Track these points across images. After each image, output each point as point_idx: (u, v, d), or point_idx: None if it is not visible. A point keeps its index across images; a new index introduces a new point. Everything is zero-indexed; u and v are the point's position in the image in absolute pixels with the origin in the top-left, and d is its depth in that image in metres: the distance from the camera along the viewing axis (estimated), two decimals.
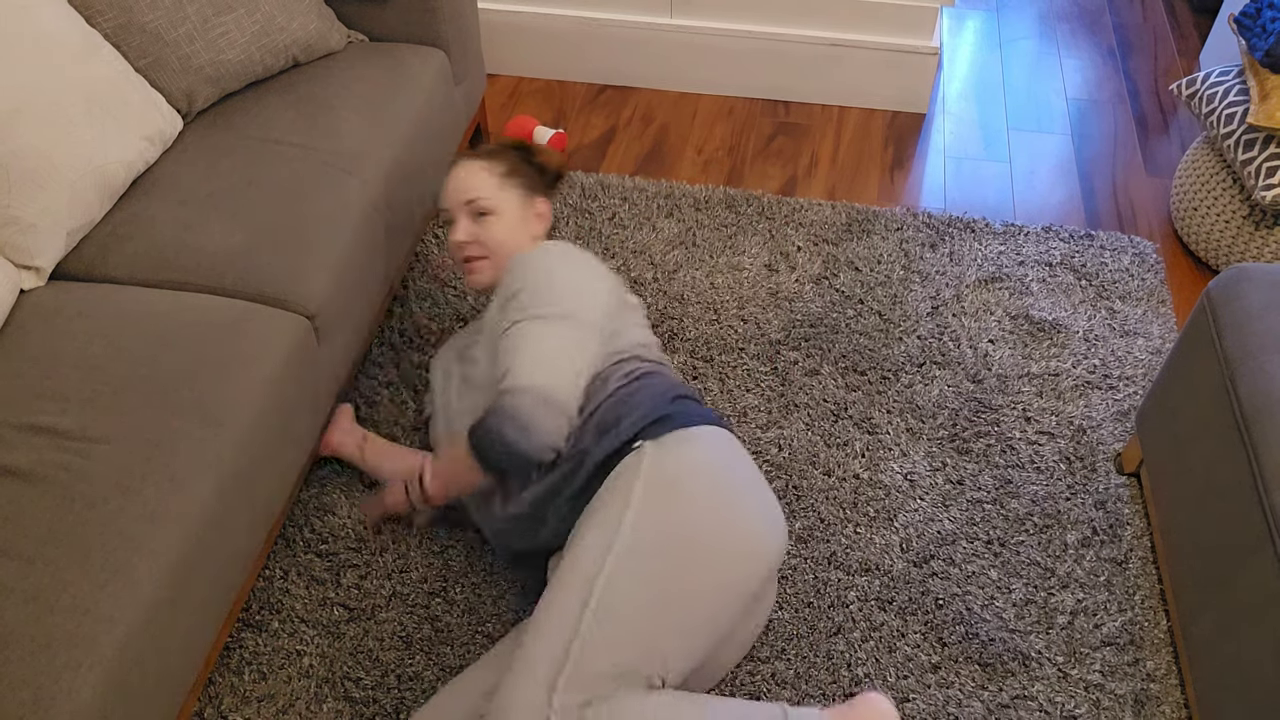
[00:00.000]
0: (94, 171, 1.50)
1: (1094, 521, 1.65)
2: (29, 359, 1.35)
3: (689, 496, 1.25)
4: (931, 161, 2.42)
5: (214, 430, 1.31)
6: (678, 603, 1.19)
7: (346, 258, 1.61)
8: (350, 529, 1.63)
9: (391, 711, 1.43)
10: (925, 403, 1.83)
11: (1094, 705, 1.43)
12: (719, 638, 1.25)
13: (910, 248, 2.14)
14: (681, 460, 1.28)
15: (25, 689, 1.05)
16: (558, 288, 1.41)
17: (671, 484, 1.25)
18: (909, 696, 1.44)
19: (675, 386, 1.41)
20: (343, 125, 1.75)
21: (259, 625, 1.52)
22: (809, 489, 1.69)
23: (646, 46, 2.58)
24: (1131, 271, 2.09)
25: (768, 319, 1.99)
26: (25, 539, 1.15)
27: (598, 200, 2.25)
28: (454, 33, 2.02)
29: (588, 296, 1.42)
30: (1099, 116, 2.57)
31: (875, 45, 2.47)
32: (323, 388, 1.58)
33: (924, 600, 1.55)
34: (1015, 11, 2.98)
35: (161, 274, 1.51)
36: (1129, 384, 1.86)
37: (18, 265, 1.46)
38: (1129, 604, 1.55)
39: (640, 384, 1.39)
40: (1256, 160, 1.90)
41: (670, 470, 1.27)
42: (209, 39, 1.68)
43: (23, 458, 1.23)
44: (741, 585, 1.25)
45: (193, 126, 1.74)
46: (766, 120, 2.55)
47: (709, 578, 1.22)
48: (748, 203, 2.25)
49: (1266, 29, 1.91)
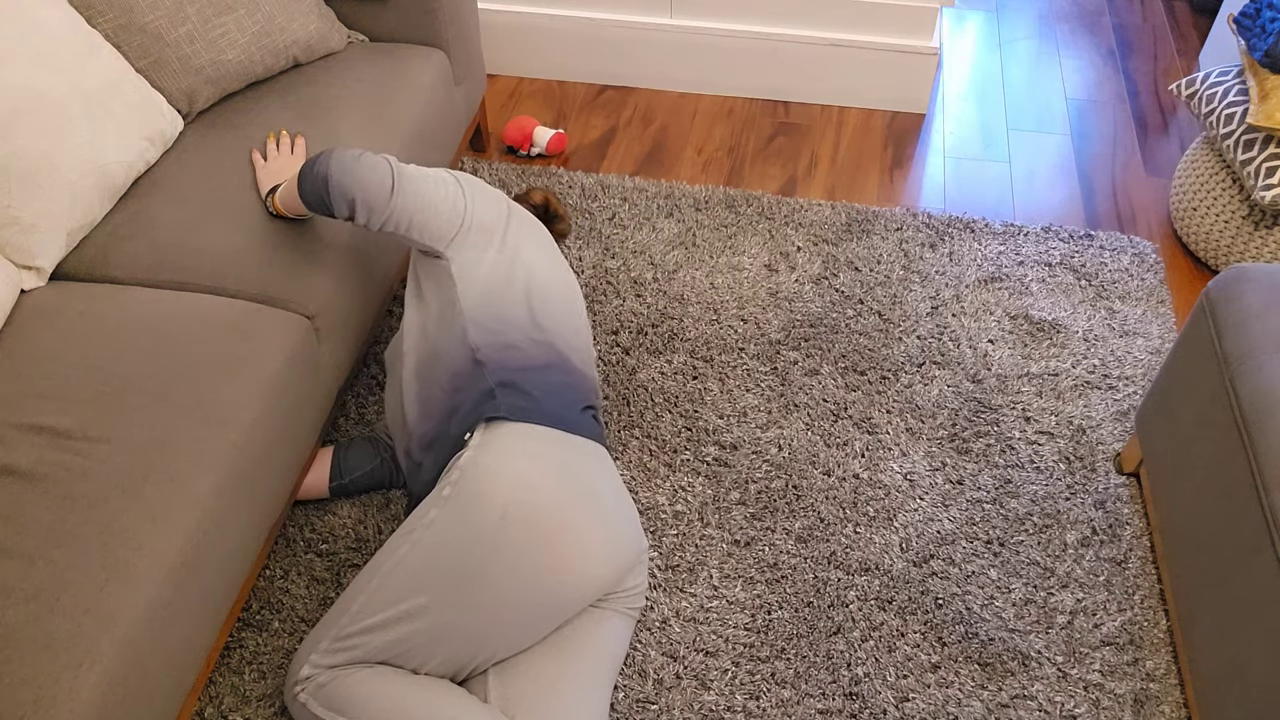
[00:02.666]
0: (94, 172, 1.50)
1: (1094, 521, 1.65)
2: (29, 359, 1.35)
3: (497, 505, 1.23)
4: (931, 161, 2.42)
5: (214, 430, 1.31)
6: (454, 606, 1.22)
7: (346, 258, 1.62)
8: (350, 529, 1.64)
9: None
10: (925, 403, 1.83)
11: (1093, 705, 1.43)
12: (501, 643, 1.26)
13: (910, 248, 2.15)
14: (506, 463, 1.26)
15: (25, 689, 1.05)
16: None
17: (481, 491, 1.24)
18: (909, 696, 1.44)
19: (584, 397, 1.42)
20: (343, 125, 1.75)
21: (259, 625, 1.52)
22: (809, 489, 1.70)
23: (646, 46, 2.58)
24: (1131, 271, 2.09)
25: (768, 319, 1.99)
26: (25, 539, 1.16)
27: (598, 200, 2.25)
28: (454, 33, 2.02)
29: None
30: (1099, 116, 2.57)
31: (875, 45, 2.47)
32: (323, 388, 1.58)
33: (924, 600, 1.55)
34: (1015, 11, 2.99)
35: (162, 274, 1.51)
36: (1128, 384, 1.87)
37: (18, 265, 1.47)
38: (1128, 604, 1.55)
39: (538, 378, 1.37)
40: (1256, 160, 1.90)
41: (490, 470, 1.25)
42: (209, 39, 1.68)
43: (23, 458, 1.23)
44: (542, 599, 1.25)
45: (193, 127, 1.74)
46: (766, 120, 2.55)
47: (493, 594, 1.22)
48: (748, 203, 2.25)
49: (1266, 29, 1.91)
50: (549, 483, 1.25)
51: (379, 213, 1.39)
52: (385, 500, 1.68)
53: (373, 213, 1.39)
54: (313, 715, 1.24)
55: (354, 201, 1.38)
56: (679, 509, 1.67)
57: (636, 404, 1.83)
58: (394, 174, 1.39)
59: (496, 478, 1.24)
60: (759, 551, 1.61)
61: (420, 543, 1.25)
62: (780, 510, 1.67)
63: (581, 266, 2.10)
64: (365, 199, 1.37)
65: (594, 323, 1.98)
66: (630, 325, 1.97)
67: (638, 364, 1.90)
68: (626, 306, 2.01)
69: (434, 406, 1.38)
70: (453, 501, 1.25)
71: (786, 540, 1.63)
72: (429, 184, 1.43)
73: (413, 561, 1.25)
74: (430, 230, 1.42)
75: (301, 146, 1.67)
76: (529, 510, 1.23)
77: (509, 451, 1.27)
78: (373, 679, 1.23)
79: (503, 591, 1.22)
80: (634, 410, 1.82)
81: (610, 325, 1.97)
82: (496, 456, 1.26)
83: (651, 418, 1.81)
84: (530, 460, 1.26)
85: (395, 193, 1.38)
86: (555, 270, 1.52)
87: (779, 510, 1.67)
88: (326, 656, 1.26)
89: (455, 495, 1.25)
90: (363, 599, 1.26)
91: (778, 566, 1.59)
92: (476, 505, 1.23)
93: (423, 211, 1.41)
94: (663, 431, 1.79)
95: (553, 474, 1.26)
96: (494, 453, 1.27)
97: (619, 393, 1.85)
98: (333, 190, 1.37)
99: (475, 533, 1.22)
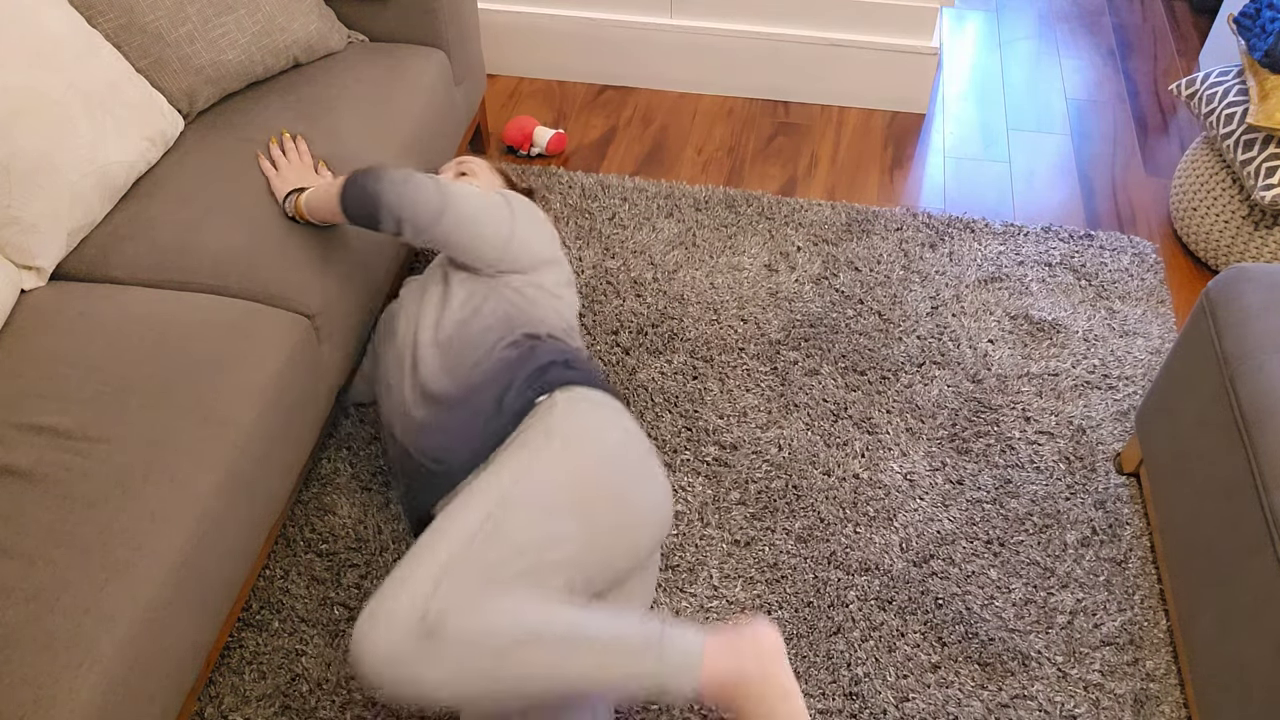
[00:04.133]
0: (95, 172, 1.50)
1: (1094, 521, 1.65)
2: (29, 359, 1.35)
3: (602, 443, 1.29)
4: (931, 161, 2.42)
5: (214, 430, 1.31)
6: (576, 534, 1.22)
7: (346, 258, 1.62)
8: (350, 529, 1.64)
9: (392, 711, 1.43)
10: (925, 403, 1.83)
11: (1093, 705, 1.43)
12: (608, 583, 1.29)
13: (910, 248, 2.15)
14: (594, 413, 1.33)
15: (25, 689, 1.05)
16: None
17: (587, 429, 1.30)
18: (909, 696, 1.44)
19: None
20: (343, 125, 1.75)
21: (259, 625, 1.52)
22: (809, 489, 1.70)
23: (646, 46, 2.58)
24: (1131, 271, 2.09)
25: (768, 319, 1.99)
26: (25, 539, 1.16)
27: (598, 200, 2.25)
28: (454, 33, 2.02)
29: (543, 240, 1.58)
30: (1099, 116, 2.57)
31: (875, 45, 2.47)
32: (323, 388, 1.58)
33: (924, 600, 1.55)
34: (1015, 11, 2.99)
35: (162, 274, 1.51)
36: (1128, 384, 1.87)
37: (19, 265, 1.47)
38: (1128, 604, 1.55)
39: (580, 354, 1.46)
40: (1256, 160, 1.90)
41: (585, 418, 1.31)
42: (210, 39, 1.68)
43: (23, 458, 1.23)
44: (637, 537, 1.30)
45: (194, 127, 1.74)
46: (766, 120, 2.55)
47: (612, 517, 1.26)
48: (748, 203, 2.25)
49: (1266, 29, 1.91)
50: (637, 427, 1.37)
51: (425, 232, 1.45)
52: (385, 500, 1.68)
53: (420, 232, 1.46)
54: (465, 641, 1.12)
55: (400, 221, 1.44)
56: (679, 509, 1.67)
57: (636, 404, 1.83)
58: (442, 196, 1.45)
59: (601, 407, 1.34)
60: (759, 551, 1.61)
61: (539, 472, 1.24)
62: (780, 510, 1.67)
63: (581, 266, 2.10)
64: (414, 220, 1.44)
65: (594, 323, 1.98)
66: (630, 325, 1.97)
67: (638, 364, 1.90)
68: (626, 306, 2.01)
69: (477, 371, 1.40)
70: (566, 434, 1.28)
71: (786, 540, 1.63)
72: (476, 205, 1.48)
73: (551, 483, 1.23)
74: (473, 252, 1.49)
75: (305, 149, 1.68)
76: (639, 436, 1.34)
77: (599, 399, 1.36)
78: (514, 600, 1.16)
79: (633, 503, 1.29)
80: (634, 410, 1.82)
81: (610, 325, 1.97)
82: (592, 401, 1.34)
83: (651, 418, 1.81)
84: (618, 410, 1.37)
85: (443, 215, 1.45)
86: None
87: (779, 510, 1.67)
88: (460, 586, 1.15)
89: (566, 428, 1.28)
90: (489, 523, 1.19)
91: (778, 566, 1.59)
92: (595, 430, 1.30)
93: (469, 234, 1.48)
94: (663, 431, 1.79)
95: (631, 426, 1.36)
96: (588, 398, 1.35)
97: (619, 393, 1.85)
98: (382, 209, 1.44)
99: (605, 450, 1.28)
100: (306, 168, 1.65)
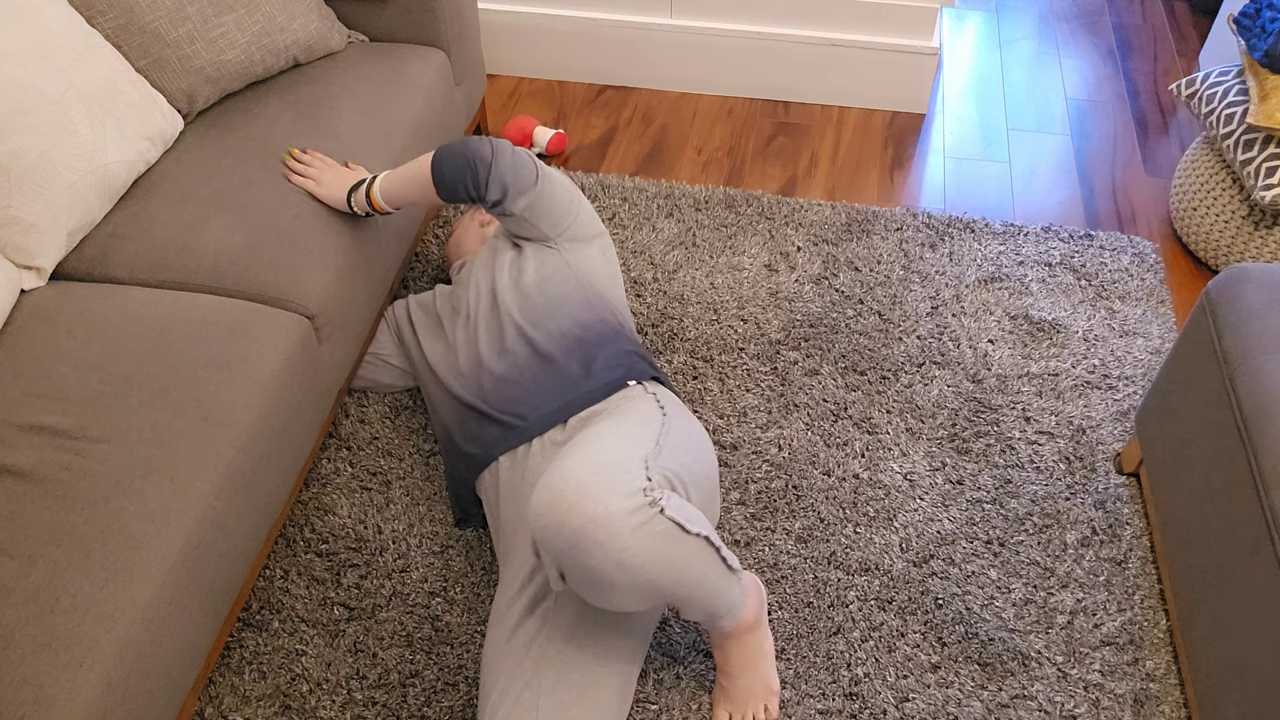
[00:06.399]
0: (94, 172, 1.50)
1: (1093, 521, 1.65)
2: (29, 359, 1.35)
3: (707, 448, 1.44)
4: (931, 161, 2.42)
5: (214, 430, 1.31)
6: (700, 471, 1.37)
7: (346, 258, 1.62)
8: (350, 529, 1.64)
9: (393, 711, 1.43)
10: (925, 403, 1.83)
11: (1093, 705, 1.43)
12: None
13: (910, 248, 2.15)
14: (692, 417, 1.48)
15: (25, 689, 1.05)
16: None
17: (693, 427, 1.44)
18: (909, 696, 1.44)
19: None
20: (343, 125, 1.75)
21: (259, 625, 1.52)
22: (809, 489, 1.70)
23: (646, 46, 2.58)
24: (1131, 271, 2.09)
25: (768, 319, 1.99)
26: (25, 539, 1.16)
27: (598, 200, 2.25)
28: (454, 33, 2.02)
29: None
30: (1098, 117, 2.57)
31: (875, 45, 2.47)
32: (323, 388, 1.58)
33: (924, 600, 1.55)
34: (1015, 11, 2.99)
35: (162, 274, 1.51)
36: (1128, 384, 1.87)
37: (18, 265, 1.47)
38: (1128, 604, 1.55)
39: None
40: (1256, 160, 1.90)
41: (689, 417, 1.46)
42: (209, 39, 1.68)
43: (23, 458, 1.23)
44: (714, 496, 1.45)
45: (193, 126, 1.74)
46: (766, 120, 2.55)
47: (708, 464, 1.42)
48: (748, 203, 2.25)
49: (1266, 29, 1.91)
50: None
51: (523, 196, 1.55)
52: (385, 500, 1.68)
53: (519, 196, 1.55)
54: (672, 524, 1.13)
55: (507, 185, 1.54)
56: None
57: None
58: (535, 163, 1.58)
59: (692, 417, 1.48)
60: (759, 551, 1.61)
61: (683, 435, 1.36)
62: (780, 510, 1.67)
63: None
64: (518, 184, 1.54)
65: None
66: None
67: None
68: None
69: (559, 331, 1.51)
70: (685, 423, 1.41)
71: (786, 540, 1.63)
72: (557, 179, 1.63)
73: (681, 446, 1.34)
74: (553, 216, 1.60)
75: (320, 154, 1.70)
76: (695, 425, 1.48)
77: (686, 408, 1.52)
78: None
79: (716, 509, 1.47)
80: None
81: None
82: (683, 406, 1.49)
83: None
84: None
85: (539, 180, 1.56)
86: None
87: (779, 510, 1.67)
88: (650, 472, 1.19)
89: (680, 420, 1.40)
90: (662, 452, 1.28)
91: (777, 566, 1.59)
92: (699, 432, 1.44)
93: (554, 199, 1.60)
94: None
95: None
96: (681, 404, 1.49)
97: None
98: (491, 176, 1.53)
99: (708, 453, 1.43)
100: (340, 167, 1.67)
